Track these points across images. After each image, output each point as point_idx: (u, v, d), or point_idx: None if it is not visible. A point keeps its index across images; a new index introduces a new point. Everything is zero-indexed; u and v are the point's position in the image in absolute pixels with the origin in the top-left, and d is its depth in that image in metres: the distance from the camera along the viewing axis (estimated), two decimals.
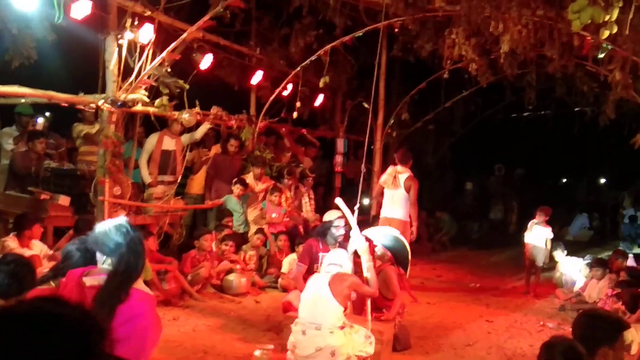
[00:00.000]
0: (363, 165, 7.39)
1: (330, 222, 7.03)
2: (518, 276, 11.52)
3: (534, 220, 10.60)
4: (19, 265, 3.98)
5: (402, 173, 9.52)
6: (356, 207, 6.40)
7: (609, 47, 8.15)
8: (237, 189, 9.95)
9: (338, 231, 6.92)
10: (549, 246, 10.44)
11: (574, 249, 14.20)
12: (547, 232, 10.42)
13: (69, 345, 1.50)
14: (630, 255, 10.42)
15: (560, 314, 9.10)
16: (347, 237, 6.70)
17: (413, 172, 9.66)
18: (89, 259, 3.88)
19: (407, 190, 9.39)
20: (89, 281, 3.27)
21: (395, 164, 9.74)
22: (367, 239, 6.36)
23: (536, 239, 10.45)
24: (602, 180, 23.74)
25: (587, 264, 9.82)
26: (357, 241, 6.08)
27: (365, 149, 7.68)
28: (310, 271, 6.89)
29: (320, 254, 6.91)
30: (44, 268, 4.45)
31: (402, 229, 9.00)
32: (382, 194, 9.71)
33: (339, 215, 6.91)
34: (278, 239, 9.97)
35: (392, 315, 6.67)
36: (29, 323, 1.50)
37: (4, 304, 3.76)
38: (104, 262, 3.26)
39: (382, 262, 7.00)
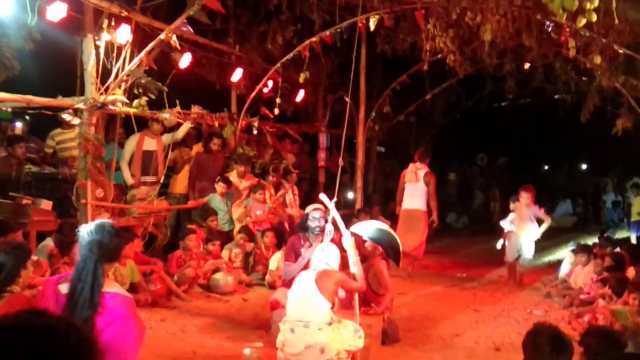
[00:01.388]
0: (341, 159, 7.38)
1: (307, 214, 7.08)
2: (503, 265, 11.57)
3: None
4: None
5: (421, 169, 10.87)
6: (333, 201, 6.40)
7: (587, 34, 8.21)
8: (220, 187, 9.92)
9: (313, 223, 6.93)
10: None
11: (557, 235, 14.35)
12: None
13: (58, 357, 1.49)
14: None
15: (546, 301, 9.16)
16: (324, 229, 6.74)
17: (430, 168, 11.05)
18: (22, 259, 3.99)
19: (426, 184, 10.78)
20: (64, 289, 3.27)
21: (414, 162, 11.00)
22: (355, 235, 6.36)
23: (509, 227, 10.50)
24: (584, 166, 23.93)
25: (572, 251, 9.89)
26: (344, 235, 6.08)
27: (343, 142, 7.67)
28: None
29: (302, 250, 6.92)
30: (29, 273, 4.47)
31: (422, 217, 10.82)
32: (403, 190, 11.02)
33: (314, 207, 6.96)
34: (265, 235, 9.95)
35: (381, 310, 6.68)
36: (18, 334, 1.48)
37: None
38: None
39: (373, 257, 6.99)
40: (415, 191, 10.86)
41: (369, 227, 6.84)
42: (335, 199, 6.43)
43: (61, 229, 7.27)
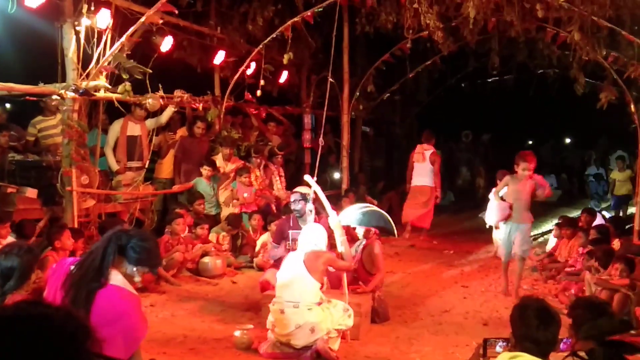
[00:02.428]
0: (321, 139, 7.38)
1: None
2: (491, 241, 11.65)
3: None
4: None
5: (427, 150, 12.10)
6: (314, 179, 6.43)
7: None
8: (205, 170, 9.90)
9: (293, 206, 6.98)
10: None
11: (542, 209, 14.43)
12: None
13: (56, 345, 1.52)
14: (598, 214, 10.62)
15: (533, 275, 9.25)
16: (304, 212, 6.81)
17: (435, 148, 12.35)
18: (33, 262, 4.10)
19: (432, 163, 12.01)
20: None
21: (421, 143, 12.22)
22: (345, 227, 6.41)
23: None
24: (568, 140, 24.04)
25: (557, 224, 9.97)
26: (330, 216, 6.11)
27: (323, 122, 7.66)
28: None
29: (290, 231, 6.96)
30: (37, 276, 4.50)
31: (429, 192, 12.08)
32: (412, 168, 12.21)
33: (294, 191, 7.01)
34: (252, 218, 9.94)
35: (370, 288, 6.71)
36: (16, 324, 1.50)
37: None
38: None
39: (368, 237, 6.99)
40: (422, 170, 12.10)
41: (354, 214, 6.84)
42: (315, 178, 6.46)
43: (20, 226, 7.23)
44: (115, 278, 3.30)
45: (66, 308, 1.68)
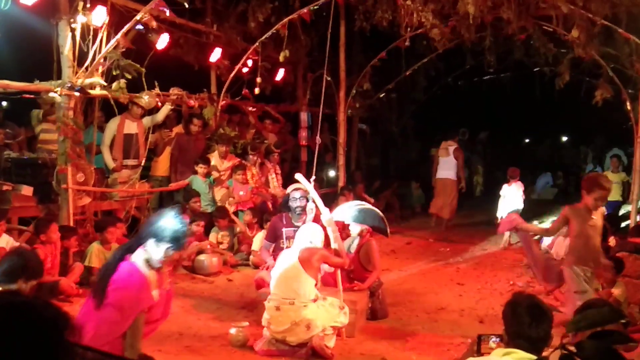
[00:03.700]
0: (318, 137, 7.40)
1: (288, 195, 7.12)
2: (487, 239, 11.68)
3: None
4: None
5: (451, 146, 12.82)
6: (312, 179, 6.43)
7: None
8: (201, 168, 9.90)
9: (294, 203, 6.95)
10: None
11: (539, 207, 14.46)
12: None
13: (36, 332, 1.54)
14: None
15: (528, 272, 9.24)
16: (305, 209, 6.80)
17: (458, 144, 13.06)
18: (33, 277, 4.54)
19: (456, 158, 12.75)
20: None
21: (446, 140, 12.97)
22: (339, 223, 6.40)
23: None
24: (564, 139, 24.05)
25: (553, 222, 9.98)
26: (322, 213, 6.10)
27: (320, 120, 7.67)
28: (275, 248, 6.96)
29: (284, 229, 6.96)
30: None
31: (452, 184, 12.74)
32: (437, 163, 13.00)
33: (295, 187, 6.98)
34: (245, 214, 9.94)
35: (367, 286, 6.71)
36: None
37: None
38: None
39: (362, 236, 6.99)
40: (446, 164, 12.85)
41: (349, 211, 6.84)
42: (313, 177, 6.46)
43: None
44: (137, 257, 4.14)
45: (44, 299, 1.71)
